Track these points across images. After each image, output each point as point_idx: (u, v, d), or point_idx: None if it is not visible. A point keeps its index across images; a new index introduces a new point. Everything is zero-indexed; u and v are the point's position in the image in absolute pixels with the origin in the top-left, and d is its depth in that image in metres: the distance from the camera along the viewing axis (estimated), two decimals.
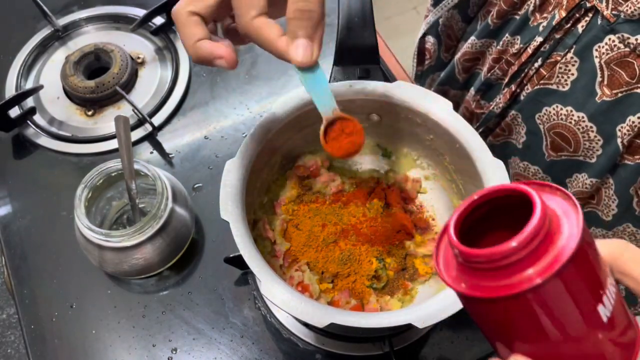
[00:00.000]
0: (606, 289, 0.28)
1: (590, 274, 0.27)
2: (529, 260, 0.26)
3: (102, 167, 0.59)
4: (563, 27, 0.57)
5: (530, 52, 0.60)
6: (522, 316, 0.27)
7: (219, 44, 0.41)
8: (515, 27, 0.63)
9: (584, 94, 0.57)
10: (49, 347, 0.62)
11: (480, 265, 0.27)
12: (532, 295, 0.26)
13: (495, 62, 0.68)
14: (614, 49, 0.53)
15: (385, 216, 0.61)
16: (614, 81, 0.54)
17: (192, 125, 0.77)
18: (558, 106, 0.60)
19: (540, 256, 0.26)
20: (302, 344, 0.62)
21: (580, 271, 0.26)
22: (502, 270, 0.26)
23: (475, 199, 0.29)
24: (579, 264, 0.26)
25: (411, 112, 0.57)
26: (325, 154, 0.65)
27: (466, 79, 0.78)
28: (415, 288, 0.60)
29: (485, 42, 0.70)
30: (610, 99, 0.55)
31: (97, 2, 0.88)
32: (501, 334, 0.30)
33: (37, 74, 0.82)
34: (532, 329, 0.28)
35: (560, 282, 0.26)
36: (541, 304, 0.26)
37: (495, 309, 0.28)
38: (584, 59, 0.56)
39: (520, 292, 0.26)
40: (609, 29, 0.53)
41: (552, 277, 0.25)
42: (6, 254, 0.67)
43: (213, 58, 0.41)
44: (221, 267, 0.63)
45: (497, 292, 0.26)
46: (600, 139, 0.58)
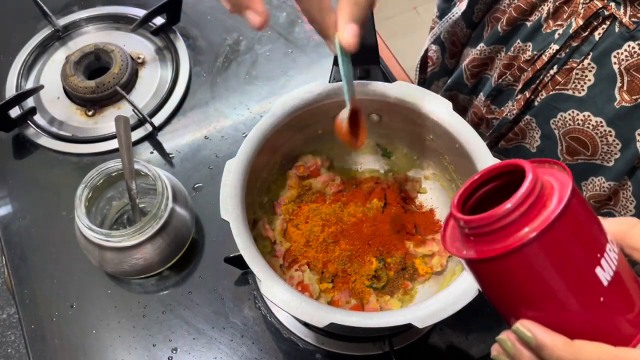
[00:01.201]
0: (604, 253, 0.29)
1: (583, 234, 0.29)
2: (521, 221, 0.28)
3: (102, 167, 0.59)
4: (580, 34, 0.57)
5: (545, 59, 0.60)
6: (519, 276, 0.29)
7: None
8: (527, 33, 0.63)
9: (602, 99, 0.57)
10: (49, 347, 0.62)
11: (479, 230, 0.29)
12: (525, 252, 0.28)
13: (506, 68, 0.68)
14: (634, 55, 0.53)
15: (385, 216, 0.61)
16: (633, 87, 0.55)
17: (192, 125, 0.77)
18: (574, 111, 0.60)
19: (532, 217, 0.28)
20: (302, 343, 0.62)
21: (572, 230, 0.28)
22: (498, 232, 0.28)
23: (476, 178, 0.32)
24: (569, 222, 0.28)
25: (411, 112, 0.57)
26: (325, 154, 0.65)
27: (475, 84, 0.78)
28: (415, 288, 0.60)
29: (495, 48, 0.70)
30: (630, 105, 0.55)
31: (98, 2, 0.88)
32: (507, 301, 0.31)
33: (37, 74, 0.82)
34: (532, 292, 0.29)
35: (551, 239, 0.27)
36: (535, 262, 0.28)
37: (494, 270, 0.29)
38: (602, 66, 0.56)
39: (513, 248, 0.28)
40: (629, 36, 0.53)
41: (541, 234, 0.27)
42: (6, 254, 0.67)
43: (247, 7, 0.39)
44: (221, 267, 0.63)
45: (493, 252, 0.28)
46: (619, 143, 0.58)
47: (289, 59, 0.83)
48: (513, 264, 0.28)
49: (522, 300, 0.30)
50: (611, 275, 0.29)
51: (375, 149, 0.66)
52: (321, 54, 0.84)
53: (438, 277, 0.60)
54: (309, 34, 0.86)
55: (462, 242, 0.31)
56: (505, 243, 0.28)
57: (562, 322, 0.29)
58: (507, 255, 0.28)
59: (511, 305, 0.31)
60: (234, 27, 0.87)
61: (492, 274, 0.30)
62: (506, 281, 0.29)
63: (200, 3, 0.89)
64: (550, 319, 0.29)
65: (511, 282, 0.29)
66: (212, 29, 0.86)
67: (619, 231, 0.31)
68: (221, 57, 0.84)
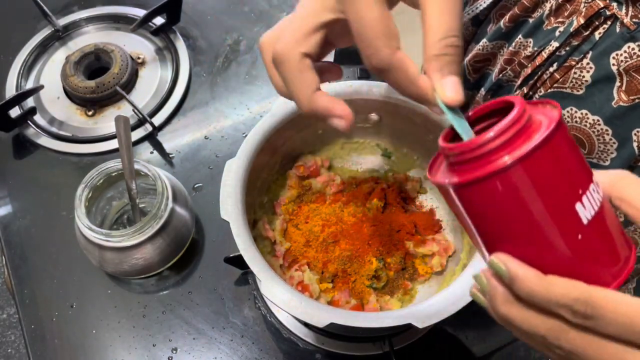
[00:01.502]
0: (587, 190, 0.29)
1: (564, 167, 0.29)
2: (503, 149, 0.28)
3: (102, 167, 0.59)
4: (581, 33, 0.57)
5: (545, 56, 0.61)
6: (496, 204, 0.29)
7: (338, 100, 0.35)
8: (529, 29, 0.63)
9: (600, 98, 0.57)
10: (49, 347, 0.62)
11: (462, 157, 0.29)
12: (503, 177, 0.28)
13: (506, 64, 0.68)
14: (634, 56, 0.53)
15: (385, 216, 0.61)
16: (632, 88, 0.55)
17: (192, 125, 0.77)
18: (572, 109, 0.60)
19: (515, 146, 0.28)
20: (302, 343, 0.62)
21: (553, 161, 0.28)
22: (480, 160, 0.29)
23: (469, 115, 0.32)
24: (551, 153, 0.28)
25: (411, 112, 0.57)
26: (325, 154, 0.65)
27: (477, 79, 0.78)
28: (415, 288, 0.60)
29: (497, 43, 0.70)
30: (627, 105, 0.55)
31: (98, 2, 0.88)
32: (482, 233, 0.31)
33: (37, 74, 0.82)
34: (507, 221, 0.29)
35: (531, 166, 0.27)
36: (512, 189, 0.28)
37: (472, 197, 0.29)
38: (600, 66, 0.56)
39: (491, 172, 0.28)
40: (629, 37, 0.53)
41: (522, 159, 0.27)
42: (6, 254, 0.67)
43: (330, 115, 0.35)
44: (221, 267, 0.63)
45: (472, 176, 0.28)
46: (616, 142, 0.58)
47: None
48: (490, 189, 0.28)
49: (499, 233, 0.30)
50: (592, 215, 0.29)
51: (375, 149, 0.66)
52: None
53: (438, 277, 0.60)
54: None
55: (446, 171, 0.31)
56: (484, 169, 0.28)
57: (538, 259, 0.29)
58: (484, 179, 0.28)
59: (488, 239, 0.31)
60: (234, 27, 0.87)
61: (471, 202, 0.30)
62: (484, 209, 0.29)
63: (200, 3, 0.89)
64: (526, 254, 0.29)
65: (488, 211, 0.29)
66: (212, 29, 0.86)
67: (607, 181, 0.31)
68: (221, 57, 0.84)
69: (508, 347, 0.61)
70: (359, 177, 0.66)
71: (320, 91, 0.35)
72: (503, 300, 0.30)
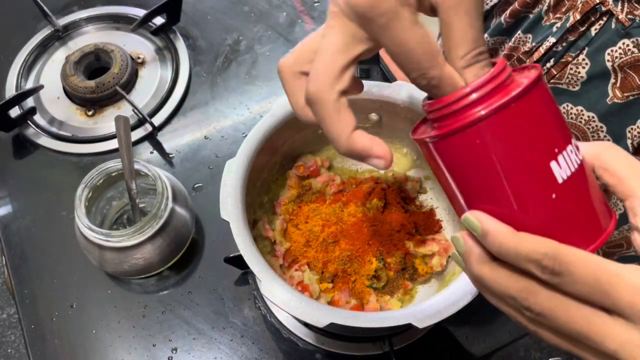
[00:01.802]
0: (563, 150, 0.29)
1: (540, 124, 0.29)
2: (480, 103, 0.28)
3: (102, 167, 0.59)
4: (577, 29, 0.57)
5: (542, 51, 0.61)
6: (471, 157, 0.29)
7: (376, 139, 0.34)
8: (528, 25, 0.64)
9: (595, 94, 0.58)
10: (49, 347, 0.62)
11: (441, 113, 0.30)
12: (477, 129, 0.28)
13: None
14: (628, 53, 0.53)
15: (385, 216, 0.61)
16: (626, 84, 0.55)
17: (192, 125, 0.77)
18: (568, 105, 0.60)
19: (491, 100, 0.28)
20: (302, 343, 0.62)
21: (528, 116, 0.28)
22: (458, 114, 0.29)
23: None
24: (526, 108, 0.28)
25: (411, 112, 0.57)
26: (325, 154, 0.65)
27: None
28: (415, 288, 0.60)
29: (498, 39, 0.70)
30: (621, 102, 0.56)
31: (97, 2, 0.88)
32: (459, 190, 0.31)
33: (37, 74, 0.82)
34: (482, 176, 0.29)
35: (505, 119, 0.28)
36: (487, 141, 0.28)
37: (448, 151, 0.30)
38: (595, 62, 0.57)
39: (465, 124, 0.28)
40: (624, 33, 0.53)
41: (495, 111, 0.28)
42: (6, 254, 0.67)
43: (369, 155, 0.34)
44: (221, 267, 0.63)
45: (448, 128, 0.29)
46: (610, 139, 0.58)
47: None
48: (465, 141, 0.29)
49: (474, 189, 0.30)
50: (568, 175, 0.29)
51: None
52: None
53: (438, 277, 0.60)
54: (309, 34, 0.86)
55: (427, 129, 0.32)
56: (459, 121, 0.29)
57: (512, 216, 0.29)
58: (459, 130, 0.28)
59: (465, 196, 0.31)
60: (234, 27, 0.87)
61: (447, 155, 0.30)
62: (459, 163, 0.30)
63: (200, 3, 0.89)
64: (500, 212, 0.29)
65: (464, 165, 0.30)
66: (212, 29, 0.86)
67: (592, 152, 0.31)
68: (221, 57, 0.84)
69: (508, 347, 0.61)
70: (359, 177, 0.66)
71: (357, 131, 0.34)
72: (477, 260, 0.30)
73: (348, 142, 0.33)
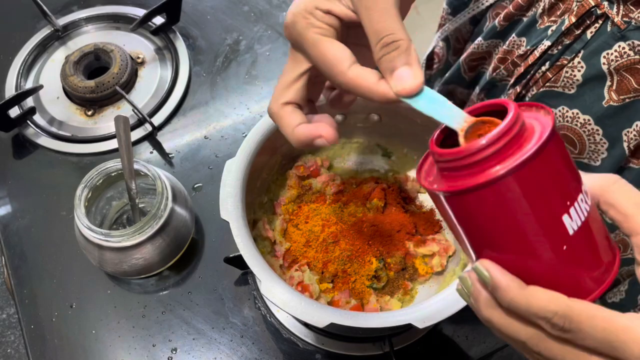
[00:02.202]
0: (575, 202, 0.29)
1: (554, 179, 0.28)
2: (495, 158, 0.28)
3: (102, 167, 0.59)
4: (572, 32, 0.57)
5: (537, 55, 0.61)
6: (483, 212, 0.29)
7: (316, 124, 0.41)
8: (522, 28, 0.64)
9: (591, 97, 0.57)
10: (48, 347, 0.62)
11: (453, 164, 0.29)
12: (492, 189, 0.28)
13: (500, 62, 0.68)
14: (624, 55, 0.53)
15: (385, 216, 0.61)
16: (622, 87, 0.55)
17: (192, 125, 0.77)
18: (564, 108, 0.60)
19: (507, 155, 0.28)
20: (302, 344, 0.62)
21: (543, 173, 0.28)
22: (471, 167, 0.28)
23: None
24: (542, 165, 0.27)
25: (411, 112, 0.57)
26: (325, 154, 0.65)
27: (473, 78, 0.78)
28: (415, 288, 0.60)
29: (492, 42, 0.70)
30: (617, 104, 0.55)
31: (97, 2, 0.88)
32: (469, 238, 0.31)
33: (37, 73, 0.82)
34: (494, 229, 0.29)
35: (520, 178, 0.27)
36: (501, 200, 0.28)
37: (461, 205, 0.29)
38: (590, 66, 0.56)
39: (480, 183, 0.27)
40: (620, 36, 0.53)
41: (511, 171, 0.27)
42: (6, 254, 0.67)
43: (313, 139, 0.40)
44: (221, 267, 0.63)
45: (462, 185, 0.28)
46: (606, 142, 0.58)
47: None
48: (480, 198, 0.28)
49: (485, 239, 0.30)
50: (578, 226, 0.29)
51: (375, 149, 0.66)
52: None
53: (438, 277, 0.60)
54: None
55: (436, 176, 0.31)
56: (475, 178, 0.28)
57: (522, 267, 0.29)
58: (475, 189, 0.28)
59: (474, 244, 0.31)
60: (234, 27, 0.87)
61: (459, 209, 0.30)
62: (472, 217, 0.29)
63: (200, 3, 0.89)
64: (511, 262, 0.29)
65: (476, 219, 0.29)
66: (212, 29, 0.86)
67: (597, 186, 0.31)
68: (221, 57, 0.84)
69: (508, 347, 0.60)
70: (359, 177, 0.66)
71: (301, 125, 0.40)
72: (486, 305, 0.31)
73: (293, 136, 0.40)
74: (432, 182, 0.31)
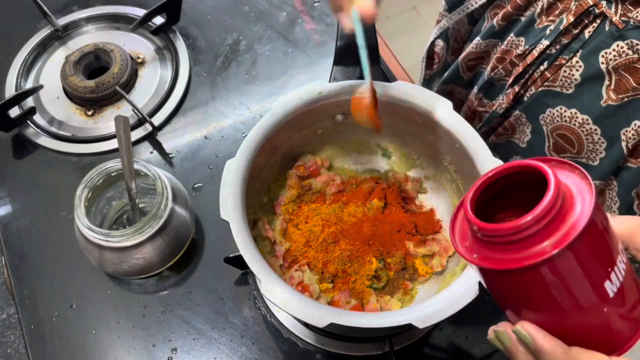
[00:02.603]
0: (615, 266, 0.29)
1: (599, 250, 0.28)
2: (541, 235, 0.27)
3: (102, 167, 0.59)
4: (571, 31, 0.57)
5: (536, 54, 0.61)
6: (531, 287, 0.28)
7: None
8: (520, 28, 0.64)
9: (589, 97, 0.58)
10: (48, 347, 0.62)
11: (496, 239, 0.28)
12: (542, 268, 0.27)
13: (498, 62, 0.68)
14: (622, 55, 0.53)
15: (386, 216, 0.61)
16: (620, 86, 0.55)
17: (192, 125, 0.77)
18: (562, 108, 0.60)
19: (552, 232, 0.27)
20: (302, 344, 0.62)
21: (590, 247, 0.27)
22: (515, 244, 0.27)
23: (491, 175, 0.31)
24: (589, 240, 0.27)
25: (411, 112, 0.57)
26: (325, 154, 0.65)
27: (471, 78, 0.78)
28: (415, 288, 0.60)
29: (490, 42, 0.70)
30: (616, 104, 0.55)
31: (97, 2, 0.88)
32: (511, 303, 0.31)
33: (37, 73, 0.82)
34: (540, 300, 0.29)
35: (570, 256, 0.27)
36: (550, 277, 0.27)
37: (506, 280, 0.29)
38: (589, 65, 0.57)
39: (530, 265, 0.27)
40: (618, 35, 0.53)
41: (562, 251, 0.26)
42: (6, 254, 0.67)
43: None
44: (221, 267, 0.63)
45: (509, 265, 0.28)
46: (604, 141, 0.58)
47: (288, 58, 0.83)
48: (526, 277, 0.28)
49: (528, 306, 0.30)
50: (618, 287, 0.29)
51: (375, 149, 0.66)
52: (321, 53, 0.84)
53: (438, 277, 0.60)
54: (309, 33, 0.86)
55: (474, 243, 0.30)
56: (520, 255, 0.27)
57: (563, 329, 0.29)
58: (521, 270, 0.27)
59: (515, 308, 0.31)
60: (234, 27, 0.87)
61: (502, 283, 0.30)
62: (515, 291, 0.29)
63: (200, 3, 0.89)
64: (552, 325, 0.30)
65: (520, 292, 0.29)
66: (212, 29, 0.86)
67: (625, 230, 0.32)
68: (221, 57, 0.84)
69: None
70: (359, 177, 0.66)
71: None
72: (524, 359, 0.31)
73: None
74: (470, 251, 0.30)
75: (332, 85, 0.57)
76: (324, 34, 0.85)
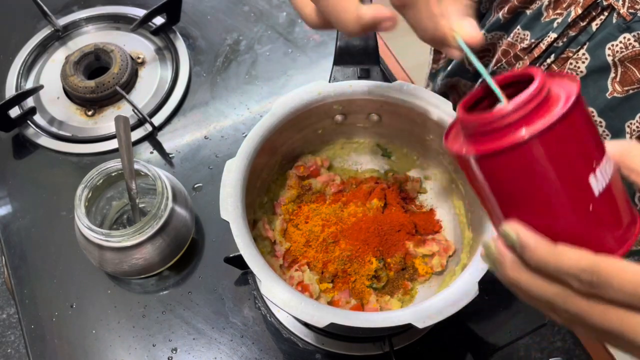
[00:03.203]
0: (600, 163, 0.30)
1: (580, 141, 0.29)
2: (522, 122, 0.29)
3: (102, 167, 0.59)
4: (578, 24, 0.57)
5: (543, 47, 0.61)
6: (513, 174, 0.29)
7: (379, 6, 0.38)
8: (527, 21, 0.64)
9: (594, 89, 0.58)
10: (49, 347, 0.62)
11: (480, 129, 0.30)
12: (521, 151, 0.28)
13: (503, 56, 0.68)
14: (629, 47, 0.53)
15: (385, 216, 0.61)
16: (626, 79, 0.55)
17: (192, 125, 0.77)
18: None
19: (534, 119, 0.28)
20: (302, 343, 0.62)
21: (570, 135, 0.29)
22: (498, 132, 0.29)
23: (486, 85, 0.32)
24: (569, 127, 0.28)
25: (411, 112, 0.57)
26: (325, 154, 0.65)
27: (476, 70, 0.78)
28: (415, 288, 0.60)
29: (496, 35, 0.70)
30: (621, 96, 0.56)
31: (97, 2, 0.88)
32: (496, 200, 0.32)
33: (37, 74, 0.82)
34: (522, 191, 0.30)
35: (551, 139, 0.28)
36: (529, 162, 0.29)
37: (488, 168, 0.30)
38: (595, 57, 0.57)
39: (509, 145, 0.28)
40: (625, 27, 0.53)
41: (543, 132, 0.28)
42: (6, 254, 0.67)
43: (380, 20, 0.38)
44: (221, 267, 0.63)
45: (490, 148, 0.29)
46: (609, 134, 0.58)
47: (288, 58, 0.83)
48: (507, 161, 0.29)
49: (512, 201, 0.31)
50: (603, 187, 0.29)
51: (375, 149, 0.66)
52: (321, 54, 0.84)
53: (438, 277, 0.60)
54: (308, 33, 0.86)
55: (463, 141, 0.32)
56: (502, 141, 0.29)
57: (549, 228, 0.30)
58: (502, 152, 0.29)
59: (502, 207, 0.32)
60: (234, 27, 0.87)
61: (486, 172, 0.31)
62: (499, 179, 0.30)
63: (200, 3, 0.89)
64: (538, 224, 0.30)
65: (504, 181, 0.30)
66: (212, 29, 0.86)
67: (618, 152, 0.32)
68: (221, 57, 0.84)
69: (508, 347, 0.60)
70: (359, 177, 0.66)
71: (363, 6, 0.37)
72: (512, 266, 0.31)
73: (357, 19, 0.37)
74: (460, 146, 0.32)
75: (332, 85, 0.57)
76: (324, 34, 0.85)
